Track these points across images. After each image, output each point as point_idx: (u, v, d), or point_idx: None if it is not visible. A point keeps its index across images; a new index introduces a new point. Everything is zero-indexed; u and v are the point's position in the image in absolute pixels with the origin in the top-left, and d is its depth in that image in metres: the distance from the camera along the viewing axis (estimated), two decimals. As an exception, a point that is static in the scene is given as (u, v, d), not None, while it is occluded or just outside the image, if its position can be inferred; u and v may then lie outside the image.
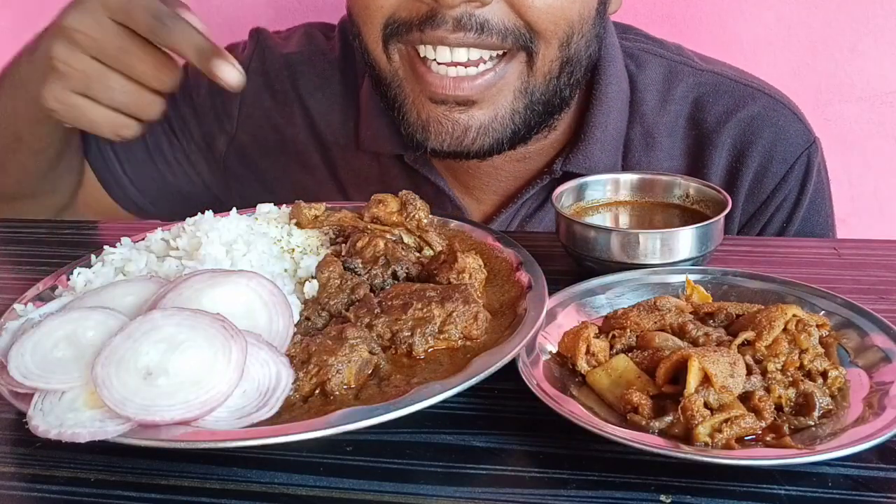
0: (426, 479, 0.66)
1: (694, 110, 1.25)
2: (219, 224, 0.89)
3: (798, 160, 1.22)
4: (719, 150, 1.23)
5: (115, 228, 1.09)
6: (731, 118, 1.23)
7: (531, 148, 1.21)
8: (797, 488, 0.63)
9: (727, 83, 1.26)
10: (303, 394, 0.70)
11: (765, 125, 1.22)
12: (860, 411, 0.68)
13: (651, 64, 1.27)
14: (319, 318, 0.81)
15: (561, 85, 1.11)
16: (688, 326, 0.77)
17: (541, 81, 1.08)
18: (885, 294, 0.91)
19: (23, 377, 0.68)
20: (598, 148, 1.20)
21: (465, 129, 1.07)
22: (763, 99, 1.24)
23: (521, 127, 1.10)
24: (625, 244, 0.90)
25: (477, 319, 0.78)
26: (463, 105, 1.06)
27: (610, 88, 1.21)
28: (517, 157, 1.22)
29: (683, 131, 1.25)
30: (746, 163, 1.22)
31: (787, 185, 1.23)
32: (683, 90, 1.25)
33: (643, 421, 0.67)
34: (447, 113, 1.06)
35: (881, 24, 1.69)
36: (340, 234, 0.95)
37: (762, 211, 1.24)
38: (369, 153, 1.28)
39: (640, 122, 1.24)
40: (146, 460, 0.67)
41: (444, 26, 1.00)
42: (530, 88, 1.08)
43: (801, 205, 1.23)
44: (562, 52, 1.07)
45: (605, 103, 1.21)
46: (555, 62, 1.07)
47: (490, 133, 1.08)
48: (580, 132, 1.21)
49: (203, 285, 0.75)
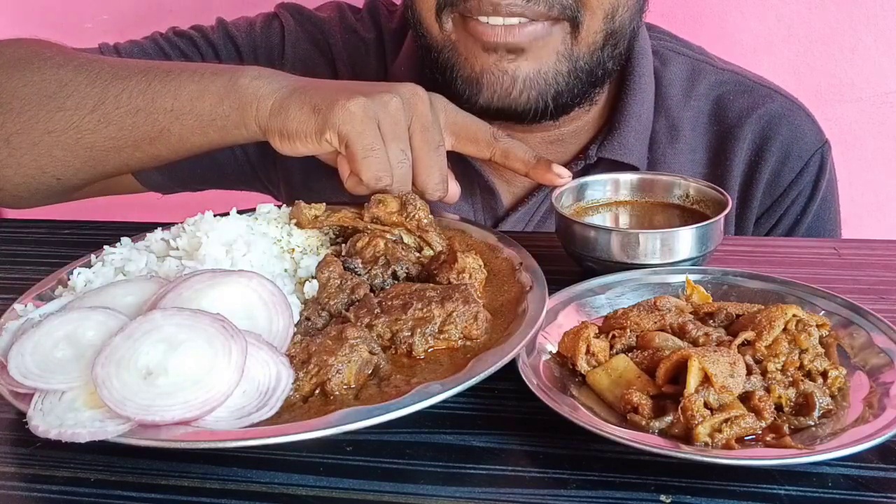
0: (426, 479, 0.66)
1: (716, 107, 1.29)
2: (219, 224, 0.89)
3: (813, 157, 1.28)
4: (741, 144, 1.27)
5: (115, 228, 1.09)
6: (751, 114, 1.27)
7: (565, 130, 1.24)
8: (797, 488, 0.63)
9: (747, 82, 1.31)
10: (303, 394, 0.70)
11: (783, 123, 1.27)
12: (860, 411, 0.68)
13: (675, 61, 1.31)
14: (319, 318, 0.81)
15: (605, 56, 1.15)
16: (688, 326, 0.77)
17: (585, 51, 1.12)
18: (885, 294, 0.91)
19: (23, 377, 0.68)
20: (633, 136, 1.24)
21: (512, 79, 1.11)
22: (780, 99, 1.30)
23: (565, 90, 1.14)
24: (625, 244, 0.90)
25: (477, 319, 0.78)
26: (512, 53, 1.10)
27: (642, 80, 1.25)
28: (551, 139, 1.25)
29: (705, 126, 1.29)
30: (766, 157, 1.26)
31: (802, 180, 1.27)
32: (706, 87, 1.30)
33: (643, 421, 0.67)
34: (498, 62, 1.11)
35: (881, 24, 1.69)
36: (340, 234, 0.95)
37: (779, 203, 1.28)
38: None
39: (666, 115, 1.28)
40: (146, 460, 0.68)
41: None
42: (575, 55, 1.12)
43: (815, 199, 1.28)
44: (606, 24, 1.11)
45: (638, 93, 1.24)
46: (599, 34, 1.11)
47: (535, 87, 1.12)
48: (614, 120, 1.25)
49: (203, 285, 0.75)
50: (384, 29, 1.36)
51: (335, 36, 1.35)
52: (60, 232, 1.16)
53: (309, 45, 1.35)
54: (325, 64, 1.34)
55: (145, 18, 1.86)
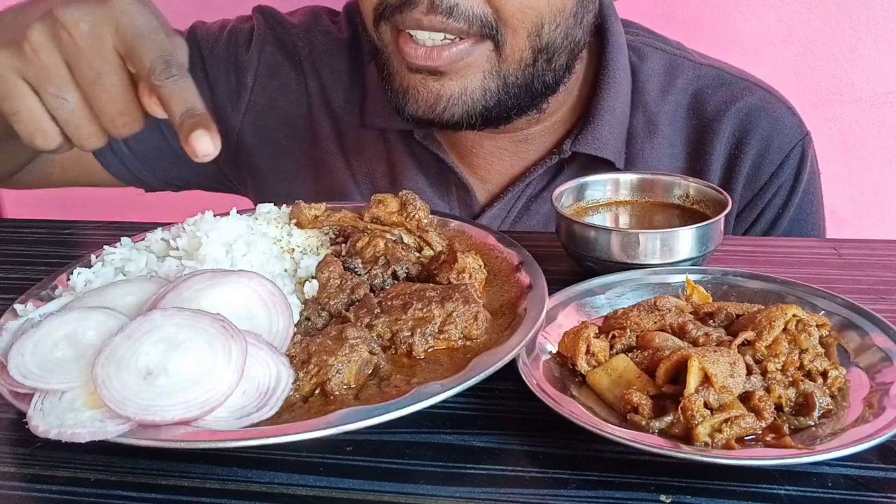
0: (426, 479, 0.66)
1: (694, 101, 1.29)
2: (219, 224, 0.89)
3: (793, 150, 1.27)
4: (720, 138, 1.27)
5: (115, 228, 1.09)
6: (730, 108, 1.27)
7: (534, 129, 1.25)
8: (797, 488, 0.63)
9: (725, 76, 1.30)
10: (303, 394, 0.70)
11: (762, 115, 1.27)
12: (860, 411, 0.68)
13: (652, 56, 1.31)
14: (319, 318, 0.81)
15: (538, 71, 1.13)
16: (688, 326, 0.77)
17: (514, 67, 1.11)
18: (885, 294, 0.91)
19: (23, 377, 0.68)
20: (607, 130, 1.24)
21: (437, 97, 1.11)
22: (759, 92, 1.29)
23: (494, 106, 1.13)
24: (625, 244, 0.90)
25: (477, 319, 0.78)
26: (434, 75, 1.11)
27: (617, 74, 1.25)
28: (520, 138, 1.25)
29: (684, 121, 1.29)
30: (745, 150, 1.26)
31: (783, 172, 1.27)
32: (684, 82, 1.30)
33: (643, 421, 0.67)
34: (423, 81, 1.11)
35: (881, 24, 1.69)
36: (340, 234, 0.95)
37: (759, 197, 1.28)
38: (376, 130, 1.31)
39: (643, 110, 1.28)
40: (146, 460, 0.68)
41: (419, 7, 1.05)
42: (503, 72, 1.11)
43: (796, 193, 1.28)
44: (531, 41, 1.10)
45: (613, 87, 1.24)
46: (525, 51, 1.10)
47: (460, 105, 1.12)
48: (588, 114, 1.24)
49: (203, 285, 0.75)
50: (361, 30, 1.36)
51: (304, 40, 1.36)
52: (60, 232, 1.16)
53: (275, 47, 1.36)
54: (291, 67, 1.35)
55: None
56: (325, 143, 1.35)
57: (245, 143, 1.38)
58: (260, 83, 1.35)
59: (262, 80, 1.35)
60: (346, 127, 1.34)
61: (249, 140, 1.38)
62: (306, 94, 1.35)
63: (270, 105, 1.36)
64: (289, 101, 1.36)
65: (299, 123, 1.36)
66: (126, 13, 0.83)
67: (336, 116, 1.34)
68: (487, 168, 1.29)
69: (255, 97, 1.36)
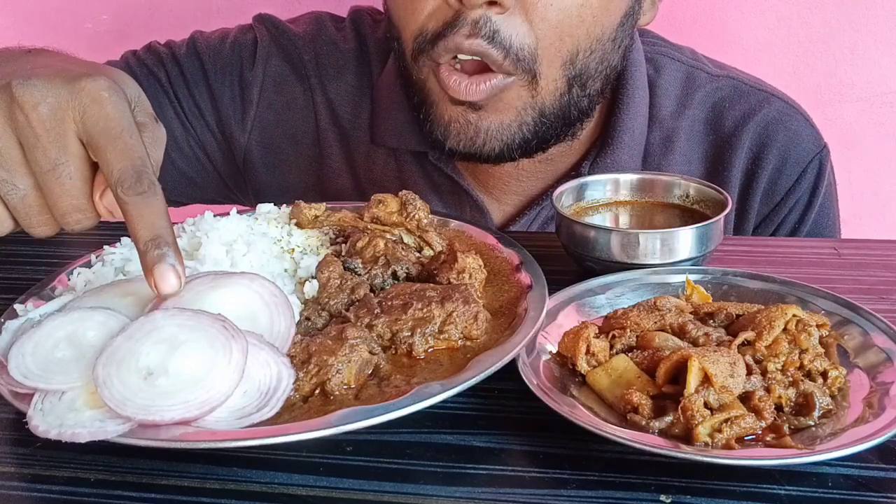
0: (426, 479, 0.66)
1: (712, 115, 1.27)
2: (219, 224, 0.89)
3: (811, 163, 1.25)
4: (738, 153, 1.25)
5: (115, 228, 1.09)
6: (748, 121, 1.25)
7: (554, 150, 1.22)
8: (797, 488, 0.63)
9: (743, 87, 1.29)
10: (303, 394, 0.70)
11: (780, 128, 1.25)
12: (860, 411, 0.68)
13: (669, 68, 1.29)
14: (319, 318, 0.81)
15: (574, 98, 1.12)
16: (688, 326, 0.77)
17: (549, 99, 1.10)
18: (885, 294, 0.91)
19: (23, 377, 0.68)
20: (626, 152, 1.23)
21: (476, 130, 1.10)
22: (778, 103, 1.27)
23: (532, 136, 1.12)
24: (625, 244, 0.90)
25: (477, 319, 0.78)
26: (474, 108, 1.10)
27: (636, 94, 1.23)
28: (540, 159, 1.23)
29: (701, 136, 1.28)
30: (763, 164, 1.25)
31: (800, 187, 1.25)
32: (701, 96, 1.28)
33: (643, 421, 0.67)
34: (464, 113, 1.10)
35: (881, 24, 1.69)
36: (340, 234, 0.95)
37: (776, 212, 1.26)
38: (385, 148, 1.29)
39: (660, 126, 1.27)
40: (146, 460, 0.68)
41: (462, 30, 1.03)
42: (538, 103, 1.10)
43: (813, 207, 1.26)
44: (566, 70, 1.09)
45: (632, 108, 1.23)
46: (560, 80, 1.09)
47: (499, 138, 1.11)
48: (607, 136, 1.23)
49: (204, 287, 0.75)
50: (368, 39, 1.34)
51: (310, 52, 1.33)
52: (60, 232, 1.15)
53: (281, 60, 1.33)
54: (297, 80, 1.33)
55: (144, 18, 1.86)
56: (333, 160, 1.32)
57: (251, 161, 1.36)
58: (266, 98, 1.33)
59: (268, 94, 1.33)
60: (355, 143, 1.31)
61: (256, 157, 1.35)
62: (314, 110, 1.32)
63: (277, 121, 1.33)
64: (296, 117, 1.33)
65: (307, 140, 1.33)
66: (97, 101, 0.73)
67: (344, 132, 1.32)
68: (504, 189, 1.27)
69: (262, 112, 1.33)
